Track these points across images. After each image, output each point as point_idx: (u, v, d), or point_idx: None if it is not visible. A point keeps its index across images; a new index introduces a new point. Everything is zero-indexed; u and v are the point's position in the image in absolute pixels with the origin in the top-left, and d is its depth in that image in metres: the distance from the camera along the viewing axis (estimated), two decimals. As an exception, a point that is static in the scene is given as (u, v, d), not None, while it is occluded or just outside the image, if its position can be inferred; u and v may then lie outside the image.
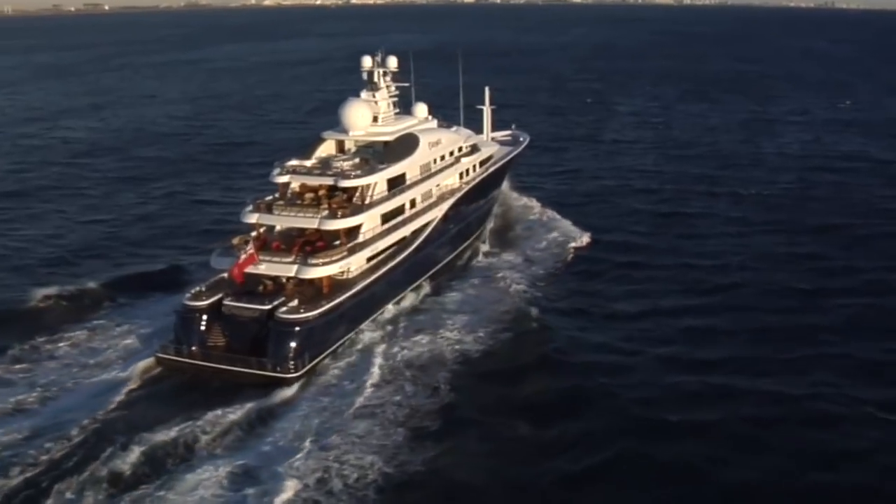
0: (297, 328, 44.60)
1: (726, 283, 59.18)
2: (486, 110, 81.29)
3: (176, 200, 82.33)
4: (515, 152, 79.03)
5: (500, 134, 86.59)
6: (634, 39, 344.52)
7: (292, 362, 43.78)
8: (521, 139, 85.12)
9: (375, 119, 59.06)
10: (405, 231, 55.81)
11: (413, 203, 57.84)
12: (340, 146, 59.22)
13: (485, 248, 66.36)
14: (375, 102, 59.36)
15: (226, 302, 46.69)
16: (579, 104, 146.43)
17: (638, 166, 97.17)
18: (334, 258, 47.95)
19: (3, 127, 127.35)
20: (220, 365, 44.31)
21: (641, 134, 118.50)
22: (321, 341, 45.87)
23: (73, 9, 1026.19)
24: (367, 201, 52.36)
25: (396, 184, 55.63)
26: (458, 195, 62.66)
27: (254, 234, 51.44)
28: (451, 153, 64.12)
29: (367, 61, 60.66)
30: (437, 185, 61.80)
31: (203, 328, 46.19)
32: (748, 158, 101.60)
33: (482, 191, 67.91)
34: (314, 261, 47.45)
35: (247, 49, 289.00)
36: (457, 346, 47.36)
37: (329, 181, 52.27)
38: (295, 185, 54.33)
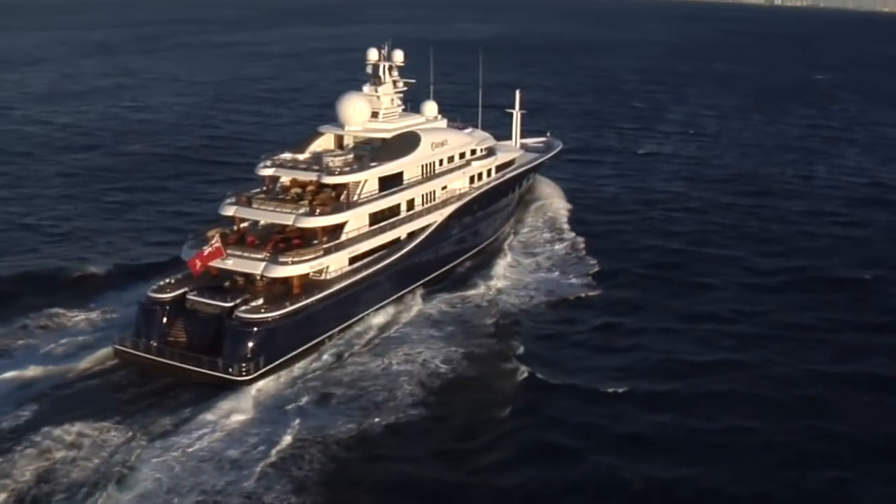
0: (255, 329, 43.75)
1: (724, 360, 49.01)
2: (516, 114, 79.51)
3: (179, 188, 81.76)
4: (540, 160, 77.04)
5: (532, 140, 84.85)
6: (711, 40, 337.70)
7: (244, 365, 42.84)
8: (555, 147, 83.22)
9: (376, 115, 58.03)
10: (398, 233, 54.67)
11: (411, 204, 56.61)
12: (339, 141, 58.31)
13: (501, 256, 64.35)
14: (377, 98, 58.33)
15: (189, 296, 46.24)
16: (627, 109, 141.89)
17: (666, 188, 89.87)
18: (305, 258, 47.01)
19: (14, 105, 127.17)
20: (173, 362, 43.70)
21: (682, 148, 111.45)
22: (281, 345, 44.87)
23: None
24: (353, 199, 51.32)
25: (391, 183, 54.46)
26: (465, 200, 61.13)
27: (234, 227, 50.99)
28: (462, 155, 62.58)
29: (372, 54, 59.73)
30: (444, 188, 60.47)
31: (164, 322, 45.75)
32: (793, 185, 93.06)
33: (495, 197, 66.20)
34: (284, 259, 46.58)
35: (303, 33, 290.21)
36: (423, 364, 45.63)
37: (313, 177, 51.36)
38: (285, 180, 53.65)
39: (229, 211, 50.37)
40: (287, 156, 55.16)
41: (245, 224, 51.48)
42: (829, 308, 56.93)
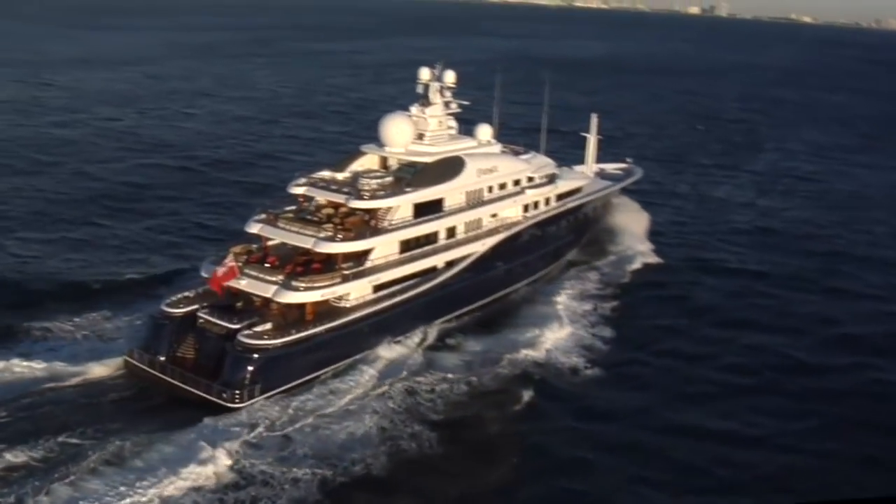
0: (254, 355, 42.42)
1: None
2: (592, 139, 76.65)
3: (219, 201, 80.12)
4: (612, 189, 73.50)
5: (611, 166, 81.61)
6: (839, 67, 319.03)
7: (237, 391, 41.53)
8: (633, 174, 79.49)
9: (422, 137, 56.12)
10: (434, 261, 52.57)
11: (451, 232, 54.41)
12: (383, 162, 56.68)
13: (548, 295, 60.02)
14: (425, 119, 56.40)
15: (199, 314, 45.46)
16: (716, 142, 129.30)
17: (724, 243, 77.09)
18: (318, 284, 45.40)
19: (74, 107, 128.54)
20: (173, 380, 43.03)
21: (763, 194, 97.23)
22: (282, 373, 43.31)
23: None
24: (383, 225, 49.57)
25: (429, 210, 52.41)
26: (514, 230, 58.44)
27: (260, 245, 50.13)
28: (517, 182, 59.93)
29: (424, 73, 57.80)
30: (493, 216, 58.02)
31: (173, 337, 45.14)
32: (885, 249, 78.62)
33: (551, 227, 63.13)
34: (296, 284, 45.13)
35: (407, 43, 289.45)
36: (433, 411, 42.91)
37: (341, 199, 49.83)
38: (321, 199, 52.40)
39: (254, 228, 49.41)
40: (325, 174, 53.97)
41: (273, 243, 50.62)
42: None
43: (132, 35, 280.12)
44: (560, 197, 64.83)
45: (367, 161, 56.19)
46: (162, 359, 44.41)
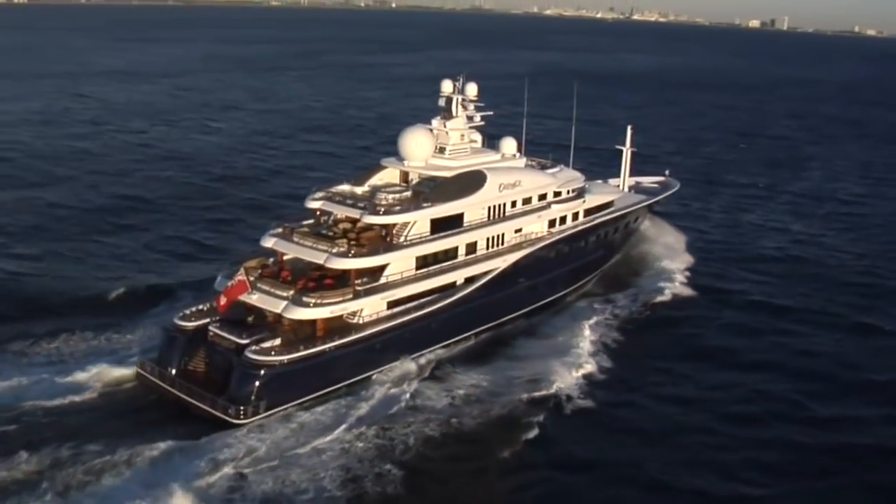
0: (261, 370, 42.12)
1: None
2: (626, 152, 75.38)
3: (246, 214, 79.80)
4: (645, 203, 71.81)
5: (648, 179, 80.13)
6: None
7: (243, 407, 41.27)
8: (671, 188, 77.84)
9: (443, 150, 55.47)
10: (453, 278, 51.81)
11: (472, 248, 53.58)
12: (405, 177, 56.14)
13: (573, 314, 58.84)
14: (446, 132, 55.74)
15: (210, 327, 45.37)
16: (758, 161, 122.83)
17: (760, 272, 71.86)
18: (328, 300, 44.93)
19: (99, 119, 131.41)
20: (181, 393, 42.99)
21: (799, 219, 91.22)
22: (289, 389, 42.98)
23: (362, 4, 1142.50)
24: (399, 240, 49.00)
25: (448, 225, 51.68)
26: (537, 246, 57.35)
27: (275, 259, 49.95)
28: (543, 196, 58.88)
29: (446, 86, 57.23)
30: (517, 231, 57.07)
31: (185, 351, 45.17)
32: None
33: (578, 243, 61.86)
34: (307, 300, 44.75)
35: (462, 56, 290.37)
36: (437, 433, 41.83)
37: (356, 214, 49.37)
38: (339, 214, 52.08)
39: (269, 242, 49.25)
40: (344, 188, 53.71)
41: (289, 257, 50.40)
42: None
43: (178, 47, 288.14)
44: (589, 212, 63.56)
45: (388, 175, 55.74)
46: (173, 371, 44.47)
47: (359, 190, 53.61)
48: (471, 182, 53.38)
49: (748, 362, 53.74)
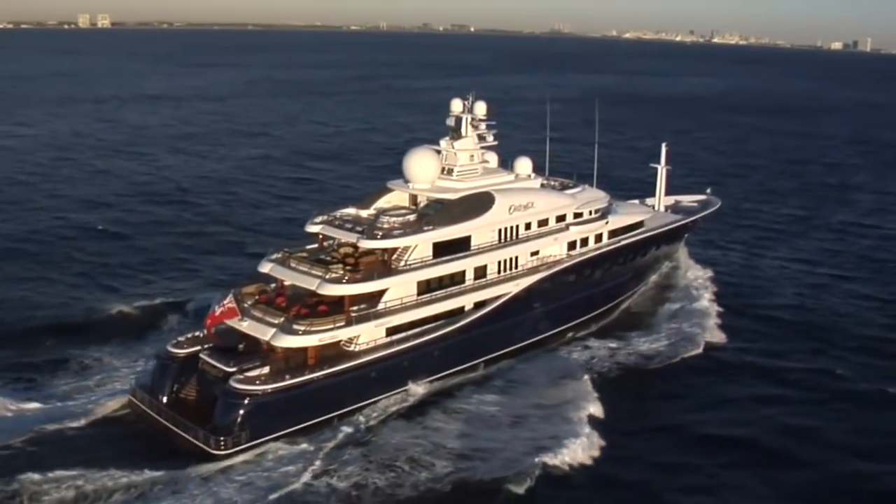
0: (244, 400, 41.18)
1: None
2: (661, 170, 73.75)
3: (252, 240, 78.53)
4: (679, 223, 69.29)
5: (689, 198, 77.71)
6: None
7: (223, 438, 40.35)
8: (712, 207, 75.19)
9: (451, 171, 54.30)
10: (458, 303, 50.38)
11: (481, 272, 52.09)
12: (413, 199, 55.11)
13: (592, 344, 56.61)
14: (454, 153, 54.57)
15: (201, 355, 44.84)
16: (805, 189, 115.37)
17: (773, 323, 63.08)
18: (318, 328, 43.89)
19: (129, 142, 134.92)
20: (167, 422, 42.40)
21: (834, 255, 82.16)
22: (275, 420, 41.92)
23: (441, 28, 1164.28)
24: (398, 265, 47.89)
25: (454, 249, 50.35)
26: (555, 269, 55.52)
27: (273, 285, 49.43)
28: (562, 218, 57.09)
29: (456, 105, 56.18)
30: (534, 254, 55.43)
31: (176, 378, 44.68)
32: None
33: (605, 266, 59.78)
34: (297, 327, 43.84)
35: (521, 81, 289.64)
36: (424, 476, 39.60)
37: (353, 238, 48.46)
38: (341, 238, 51.09)
39: (266, 268, 48.62)
40: (350, 211, 52.97)
41: (289, 283, 49.66)
42: None
43: (231, 72, 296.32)
44: (614, 233, 61.45)
45: (396, 198, 54.80)
46: (164, 399, 44.01)
47: (364, 213, 52.83)
48: (478, 204, 51.95)
49: (752, 454, 44.22)
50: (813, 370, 54.64)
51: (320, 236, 51.54)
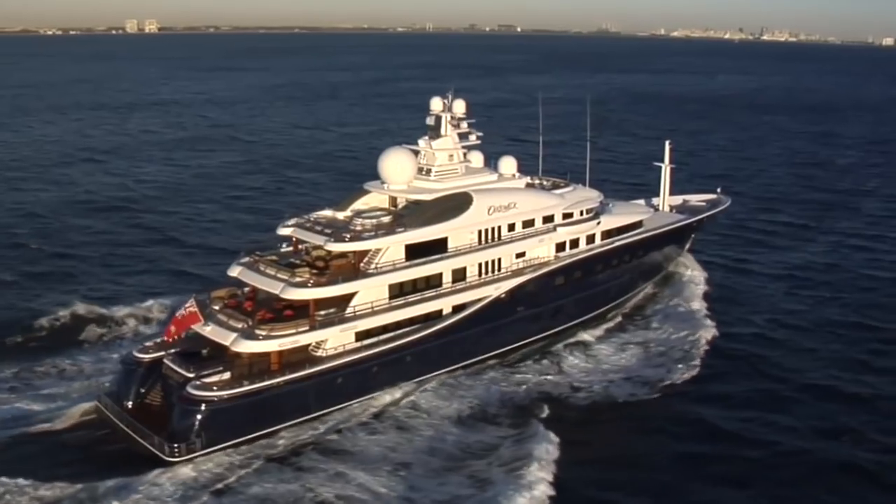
0: (200, 406, 40.88)
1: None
2: (665, 169, 72.65)
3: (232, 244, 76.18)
4: (681, 223, 67.89)
5: (696, 197, 76.25)
6: None
7: (177, 445, 40.07)
8: (720, 206, 73.74)
9: (429, 172, 53.68)
10: (435, 307, 49.73)
11: (461, 274, 51.38)
12: (393, 201, 54.56)
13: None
14: (433, 153, 53.94)
15: (165, 360, 44.70)
16: (810, 193, 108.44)
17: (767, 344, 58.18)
18: (280, 332, 43.48)
19: (121, 146, 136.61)
20: (126, 428, 42.23)
21: (820, 271, 75.14)
22: (232, 427, 41.50)
23: (487, 28, 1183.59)
24: (369, 269, 47.36)
25: (429, 251, 49.66)
26: (541, 272, 54.58)
27: (247, 288, 49.18)
28: (549, 219, 56.16)
29: (435, 104, 55.42)
30: (520, 256, 54.62)
31: (141, 383, 44.53)
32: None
33: (597, 268, 58.68)
34: (258, 332, 43.50)
35: (537, 81, 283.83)
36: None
37: (321, 241, 48.03)
38: (311, 241, 50.64)
39: (235, 271, 48.31)
40: (327, 213, 52.62)
41: (257, 287, 48.91)
42: None
43: (254, 76, 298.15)
44: (609, 234, 60.31)
45: (375, 199, 54.34)
46: (129, 405, 43.91)
47: (340, 215, 52.36)
48: (455, 205, 51.17)
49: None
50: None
51: (294, 239, 51.29)
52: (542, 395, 48.64)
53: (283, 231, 50.47)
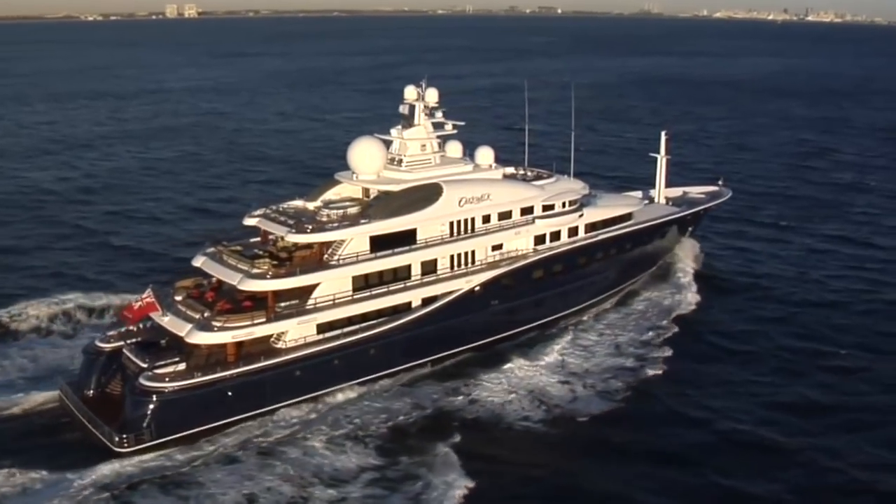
0: (151, 397, 41.32)
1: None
2: (661, 160, 72.03)
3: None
4: (674, 216, 67.20)
5: (697, 189, 75.60)
6: None
7: (126, 436, 40.51)
8: (721, 197, 72.98)
9: (400, 162, 53.66)
10: (402, 299, 49.74)
11: (431, 267, 51.40)
12: (366, 191, 54.62)
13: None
14: (404, 142, 53.89)
15: (124, 349, 45.25)
16: (811, 190, 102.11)
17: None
18: (234, 324, 43.69)
19: (108, 136, 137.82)
20: (81, 417, 42.78)
21: (791, 286, 68.52)
22: (183, 419, 41.86)
23: (528, 10, 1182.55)
24: (332, 260, 47.56)
25: (396, 242, 49.58)
26: (518, 265, 54.42)
27: (213, 279, 49.58)
28: (528, 210, 55.86)
29: (409, 92, 55.28)
30: (496, 249, 54.55)
31: (102, 372, 45.10)
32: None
33: (578, 261, 58.28)
34: (214, 323, 43.82)
35: (554, 64, 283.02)
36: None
37: (283, 231, 48.28)
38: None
39: (198, 261, 48.66)
40: (298, 203, 52.77)
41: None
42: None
43: (267, 61, 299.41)
44: (594, 227, 59.86)
45: (347, 190, 54.48)
46: (90, 394, 44.47)
47: (311, 205, 52.42)
48: (423, 196, 50.98)
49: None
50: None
51: (262, 230, 51.66)
52: (450, 415, 46.12)
53: (249, 221, 50.70)
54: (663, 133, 73.28)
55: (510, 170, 61.01)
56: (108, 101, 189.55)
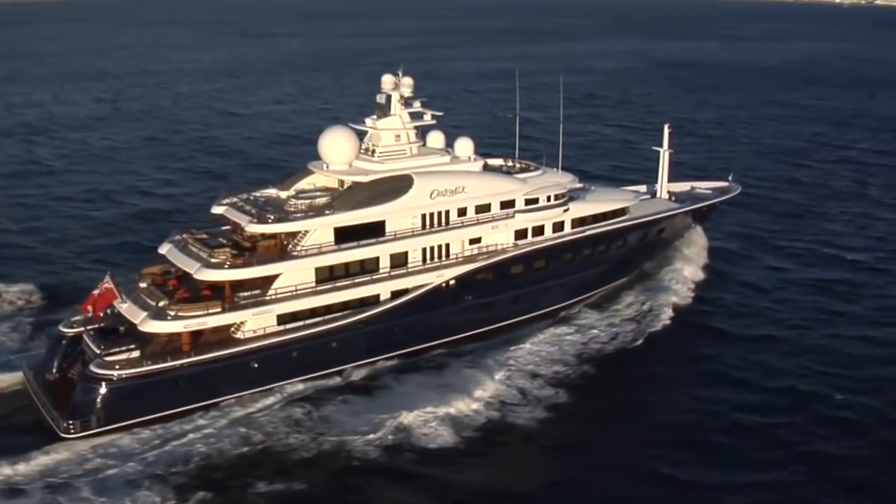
0: (101, 384, 42.16)
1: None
2: (664, 154, 71.08)
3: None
4: (672, 212, 66.46)
5: (706, 184, 74.64)
6: None
7: (72, 422, 41.42)
8: (730, 193, 72.19)
9: (373, 152, 53.90)
10: (368, 292, 49.99)
11: (401, 259, 51.65)
12: (341, 181, 54.90)
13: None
14: (378, 133, 54.09)
15: (84, 335, 46.20)
16: (814, 188, 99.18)
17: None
18: (188, 313, 44.32)
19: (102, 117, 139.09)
20: (37, 402, 43.80)
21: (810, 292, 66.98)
22: (132, 407, 42.62)
23: None
24: (295, 251, 48.11)
25: (362, 234, 49.83)
26: (493, 259, 54.40)
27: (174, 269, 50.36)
28: (508, 204, 55.77)
29: (386, 81, 55.30)
30: (473, 243, 54.57)
31: (64, 357, 46.03)
32: None
33: (562, 257, 58.07)
34: (169, 312, 44.60)
35: (573, 48, 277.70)
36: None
37: (244, 221, 48.78)
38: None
39: (164, 249, 49.34)
40: (270, 192, 53.14)
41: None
42: None
43: (278, 43, 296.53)
44: (582, 221, 59.50)
45: (322, 180, 54.85)
46: (50, 378, 45.44)
47: (283, 195, 52.79)
48: (392, 188, 51.07)
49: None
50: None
51: (227, 218, 52.15)
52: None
53: (216, 210, 51.20)
54: (666, 126, 72.04)
55: (497, 161, 60.71)
56: (108, 81, 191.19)
